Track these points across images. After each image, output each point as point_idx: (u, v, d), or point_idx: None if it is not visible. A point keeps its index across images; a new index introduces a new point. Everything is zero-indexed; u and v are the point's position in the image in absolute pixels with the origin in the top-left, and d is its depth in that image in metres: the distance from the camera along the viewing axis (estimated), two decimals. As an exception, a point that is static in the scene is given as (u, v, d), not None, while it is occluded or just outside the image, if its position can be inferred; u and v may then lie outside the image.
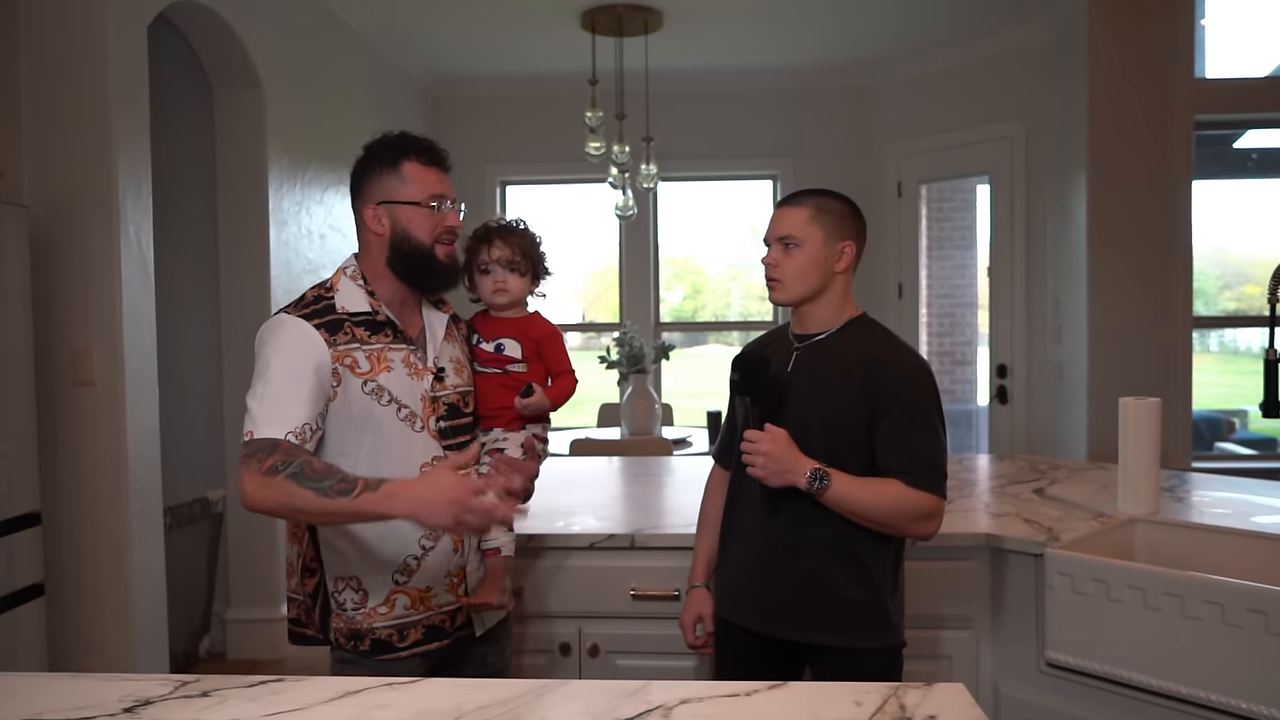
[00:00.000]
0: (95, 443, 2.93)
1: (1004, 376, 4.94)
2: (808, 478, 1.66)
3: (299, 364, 1.59)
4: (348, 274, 1.73)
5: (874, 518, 1.69)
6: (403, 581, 1.69)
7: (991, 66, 5.02)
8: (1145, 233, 4.10)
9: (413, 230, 1.69)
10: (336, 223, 4.54)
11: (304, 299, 1.69)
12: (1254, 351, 14.28)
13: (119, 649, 2.93)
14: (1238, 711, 1.75)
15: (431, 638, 1.72)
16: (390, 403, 1.67)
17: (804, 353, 1.82)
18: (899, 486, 1.68)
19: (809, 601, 1.75)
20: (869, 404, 1.71)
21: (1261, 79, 4.40)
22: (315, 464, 1.49)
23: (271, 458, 1.50)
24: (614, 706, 1.25)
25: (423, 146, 1.72)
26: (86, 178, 2.89)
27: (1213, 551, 2.12)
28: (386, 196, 1.70)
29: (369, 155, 1.74)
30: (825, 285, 1.80)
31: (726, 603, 1.88)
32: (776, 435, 1.68)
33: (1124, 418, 2.33)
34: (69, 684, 1.35)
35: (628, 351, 4.56)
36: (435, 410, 1.72)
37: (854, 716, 1.21)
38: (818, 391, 1.76)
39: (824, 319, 1.82)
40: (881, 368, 1.73)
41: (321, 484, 1.45)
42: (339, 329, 1.65)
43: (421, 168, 1.71)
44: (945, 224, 6.09)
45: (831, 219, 1.79)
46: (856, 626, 1.74)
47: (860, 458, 1.73)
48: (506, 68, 5.60)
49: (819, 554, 1.74)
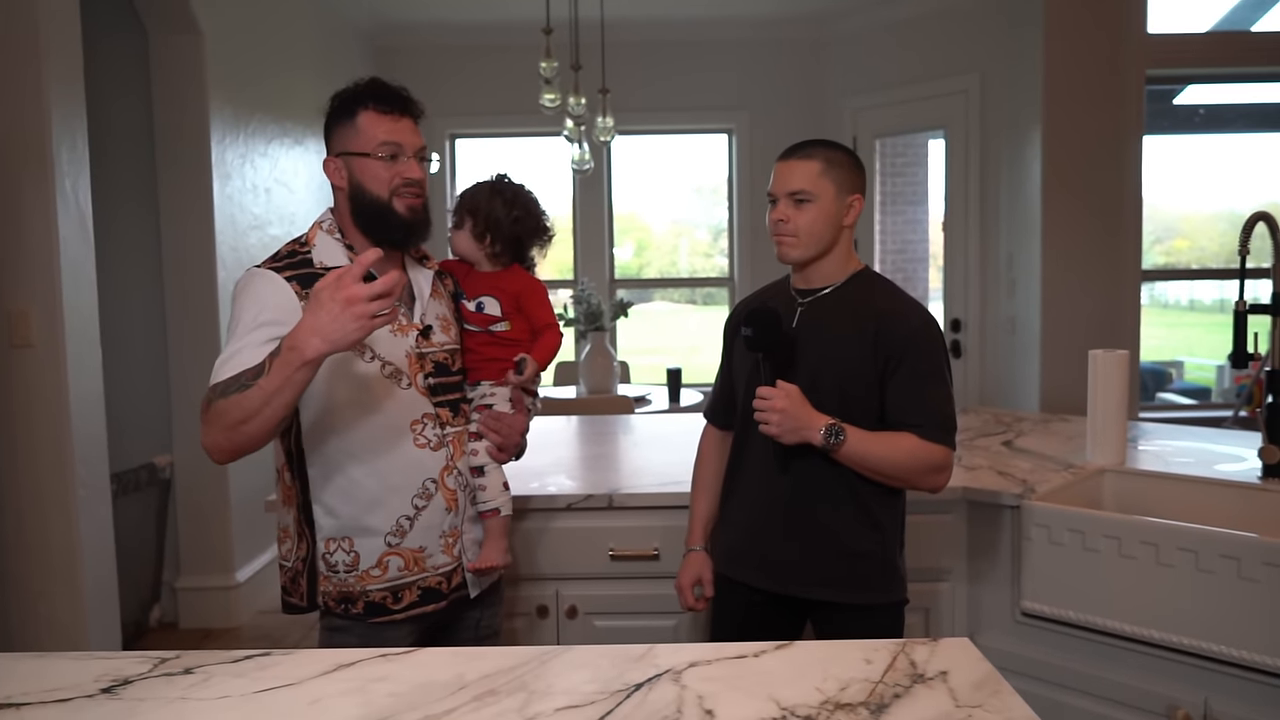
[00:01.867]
0: (36, 408, 2.78)
1: (958, 330, 5.00)
2: (823, 434, 1.64)
3: (266, 316, 1.54)
4: (324, 228, 1.67)
5: (887, 472, 1.68)
6: (395, 543, 1.64)
7: (947, 20, 5.00)
8: (1097, 187, 4.16)
9: (366, 182, 1.62)
10: (282, 176, 4.37)
11: (278, 254, 1.64)
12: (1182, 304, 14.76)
13: (68, 622, 2.82)
14: (1210, 654, 1.80)
15: (427, 599, 1.68)
16: (373, 359, 1.62)
17: (809, 308, 1.78)
18: (912, 439, 1.67)
19: (821, 559, 1.74)
20: (881, 357, 1.69)
21: (1205, 34, 4.46)
22: (242, 376, 1.43)
23: (207, 396, 1.46)
24: (622, 672, 1.22)
25: (382, 94, 1.63)
26: (17, 129, 2.71)
27: (1179, 500, 2.18)
28: (343, 147, 1.64)
29: (332, 105, 1.68)
30: (835, 240, 1.76)
31: (730, 561, 1.85)
32: (790, 391, 1.65)
33: (1093, 370, 2.36)
34: (38, 664, 1.28)
35: (585, 309, 4.50)
36: (423, 367, 1.67)
37: (865, 674, 1.20)
38: (828, 346, 1.73)
39: (829, 274, 1.78)
40: (893, 321, 1.71)
41: (241, 383, 1.41)
42: (311, 283, 1.55)
43: (377, 116, 1.62)
44: (898, 179, 6.10)
45: (842, 172, 1.75)
46: (868, 582, 1.74)
47: (870, 412, 1.71)
48: (457, 16, 5.41)
49: (831, 511, 1.73)
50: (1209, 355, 8.33)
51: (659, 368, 5.51)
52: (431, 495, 1.67)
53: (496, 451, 1.78)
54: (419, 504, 1.66)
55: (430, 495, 1.67)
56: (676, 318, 15.73)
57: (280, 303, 1.55)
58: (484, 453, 1.77)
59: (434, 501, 1.67)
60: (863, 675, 1.20)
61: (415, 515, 1.66)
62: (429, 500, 1.67)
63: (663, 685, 1.19)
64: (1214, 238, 9.89)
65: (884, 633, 1.70)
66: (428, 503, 1.66)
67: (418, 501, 1.66)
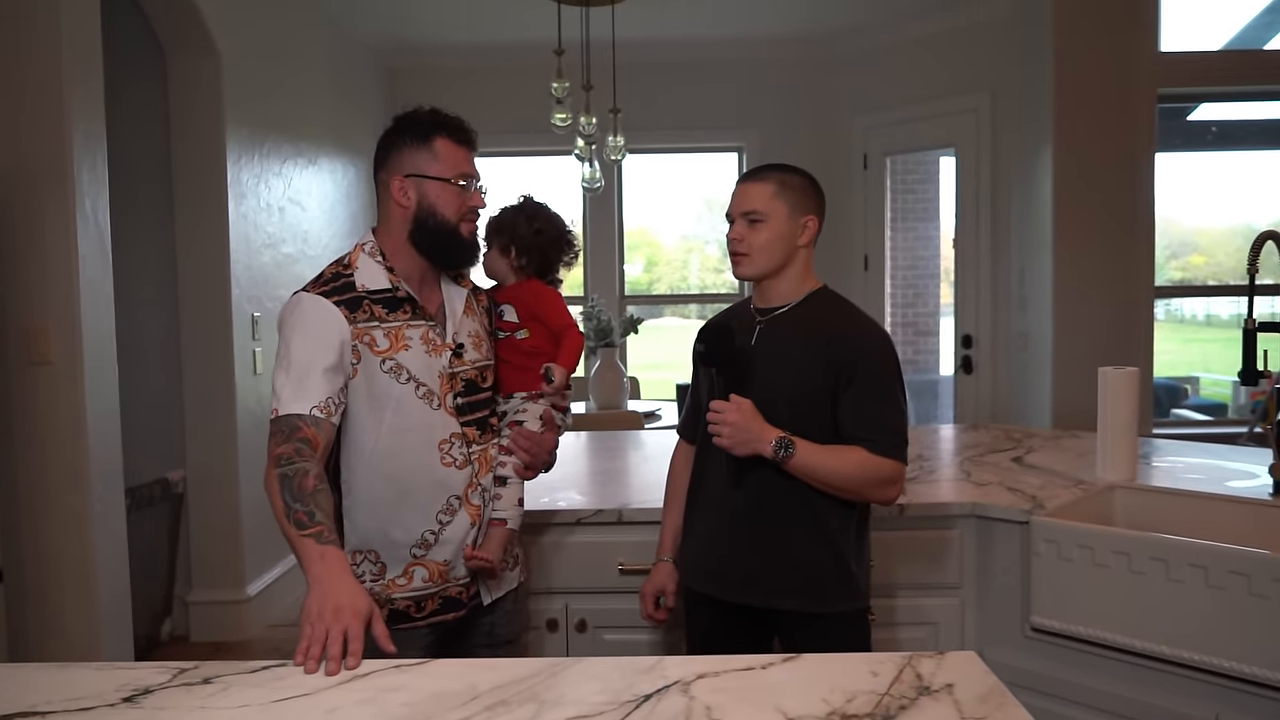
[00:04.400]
0: (53, 423, 2.82)
1: (969, 346, 5.00)
2: (773, 446, 1.69)
3: (320, 340, 1.61)
4: (366, 250, 1.72)
5: (838, 484, 1.73)
6: (420, 555, 1.70)
7: (957, 38, 5.03)
8: (1109, 204, 4.17)
9: (439, 206, 1.70)
10: (296, 196, 4.43)
11: (322, 276, 1.70)
12: (1199, 320, 14.69)
13: (82, 634, 2.85)
14: (1220, 670, 1.80)
15: (448, 608, 1.74)
16: (409, 380, 1.67)
17: (767, 326, 1.84)
18: (862, 453, 1.72)
19: (777, 569, 1.78)
20: (833, 374, 1.75)
21: (1218, 52, 4.48)
22: (308, 480, 1.50)
23: (284, 446, 1.54)
24: (631, 684, 1.23)
25: (454, 125, 1.74)
26: (40, 149, 2.77)
27: (1190, 516, 2.17)
28: (415, 170, 1.70)
29: (399, 127, 1.74)
30: (789, 259, 1.83)
31: (694, 574, 1.90)
32: (741, 404, 1.71)
33: (1103, 387, 2.36)
34: (61, 674, 1.30)
35: (596, 325, 4.53)
36: (453, 387, 1.72)
37: (872, 686, 1.21)
38: (782, 363, 1.79)
39: (786, 292, 1.84)
40: (845, 338, 1.77)
41: (293, 504, 1.48)
42: (358, 306, 1.65)
43: (453, 145, 1.72)
44: (909, 196, 6.13)
45: (795, 194, 1.82)
46: (824, 591, 1.77)
47: (825, 427, 1.76)
48: (469, 37, 5.48)
49: (785, 522, 1.77)
50: (1225, 371, 8.28)
51: (669, 383, 5.54)
52: (456, 511, 1.71)
53: (523, 469, 1.83)
54: (444, 519, 1.70)
55: (455, 511, 1.71)
56: (686, 334, 15.67)
57: (331, 325, 1.62)
58: (510, 467, 1.82)
59: (458, 517, 1.72)
60: (869, 687, 1.21)
61: (440, 530, 1.70)
62: (453, 516, 1.71)
63: (671, 696, 1.20)
64: (1230, 253, 9.84)
65: (849, 643, 1.76)
66: (452, 518, 1.71)
67: (443, 517, 1.70)
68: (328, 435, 1.59)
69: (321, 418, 1.57)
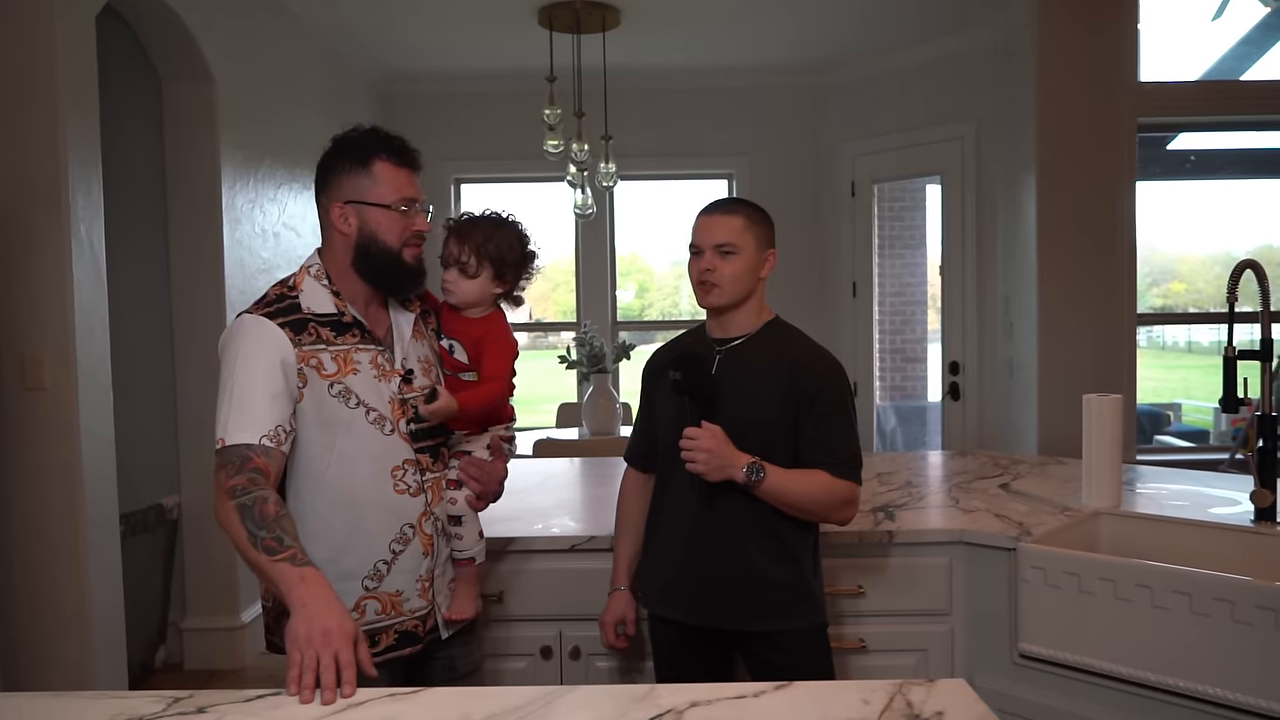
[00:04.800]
0: (48, 450, 2.83)
1: (956, 373, 5.04)
2: (745, 471, 1.75)
3: (264, 364, 1.55)
4: (311, 273, 1.68)
5: (803, 506, 1.81)
6: (373, 587, 1.65)
7: (943, 69, 5.12)
8: (1092, 232, 4.23)
9: (380, 233, 1.64)
10: (290, 221, 4.45)
11: (266, 298, 1.64)
12: (1179, 346, 14.77)
13: (76, 663, 2.84)
14: (1205, 697, 1.82)
15: (404, 643, 1.69)
16: (359, 405, 1.63)
17: (726, 356, 1.90)
18: (825, 476, 1.80)
19: (744, 591, 1.84)
20: (794, 400, 1.83)
21: (1195, 83, 4.57)
22: (269, 507, 1.46)
23: (236, 478, 1.49)
24: (624, 712, 1.25)
25: (395, 146, 1.67)
26: (35, 175, 2.79)
27: (1174, 543, 2.20)
28: (355, 196, 1.64)
29: (338, 149, 1.67)
30: (752, 291, 1.90)
31: (658, 599, 1.94)
32: (715, 432, 1.76)
33: (1087, 414, 2.40)
34: (52, 704, 1.31)
35: (588, 351, 4.55)
36: (405, 413, 1.68)
37: (863, 715, 1.23)
38: (746, 391, 1.85)
39: (744, 323, 1.91)
40: (806, 366, 1.85)
41: (257, 532, 1.44)
42: (304, 329, 1.61)
43: (393, 168, 1.65)
44: (896, 223, 6.19)
45: (760, 229, 1.90)
46: (787, 610, 1.84)
47: (787, 452, 1.83)
48: (461, 64, 5.54)
49: (750, 545, 1.83)
50: (1207, 398, 8.35)
51: (660, 409, 5.53)
52: (409, 540, 1.67)
53: (475, 500, 1.77)
54: (396, 549, 1.66)
55: (408, 540, 1.67)
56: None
57: (275, 349, 1.57)
58: (463, 502, 1.76)
59: (411, 546, 1.68)
60: (860, 715, 1.23)
61: (393, 560, 1.66)
62: (406, 545, 1.67)
63: (665, 725, 1.22)
64: (1210, 280, 9.94)
65: (812, 656, 1.84)
66: (405, 547, 1.67)
67: (395, 546, 1.66)
68: (278, 465, 1.54)
69: (271, 447, 1.52)
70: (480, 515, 1.83)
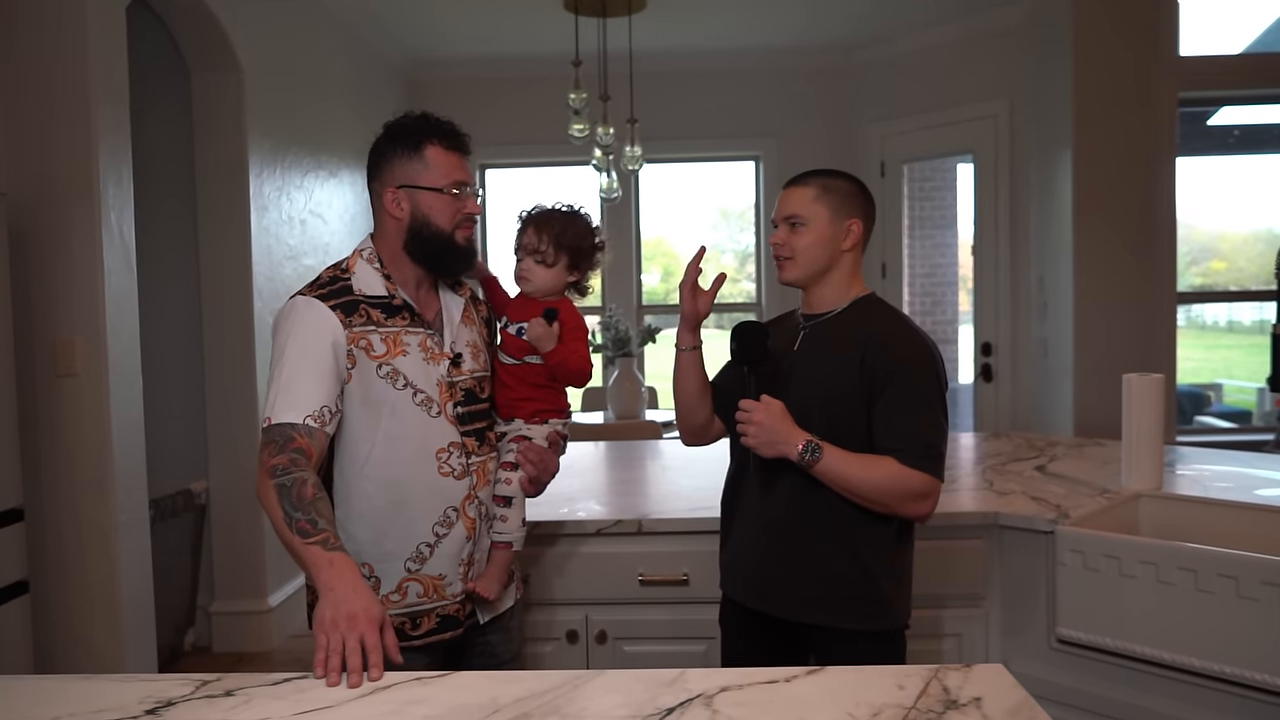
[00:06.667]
0: (79, 435, 2.85)
1: (989, 354, 4.97)
2: (800, 449, 1.66)
3: (314, 345, 1.57)
4: (364, 256, 1.70)
5: (866, 494, 1.67)
6: (415, 569, 1.65)
7: (974, 45, 5.02)
8: (1129, 209, 4.13)
9: (433, 216, 1.66)
10: (316, 208, 4.46)
11: (319, 280, 1.67)
12: (1220, 326, 14.49)
13: (106, 646, 2.87)
14: (1252, 683, 1.77)
15: (445, 627, 1.69)
16: (406, 387, 1.64)
17: (811, 332, 1.82)
18: (892, 464, 1.66)
19: (801, 579, 1.75)
20: (867, 381, 1.70)
21: (1238, 56, 4.45)
22: (306, 489, 1.46)
23: (278, 457, 1.50)
24: (654, 696, 1.23)
25: (446, 130, 1.68)
26: (67, 164, 2.80)
27: (1217, 525, 2.15)
28: (408, 180, 1.66)
29: (389, 135, 1.69)
30: (832, 263, 1.80)
31: (728, 580, 1.88)
32: (770, 405, 1.69)
33: (1127, 394, 2.34)
34: (84, 686, 1.31)
35: (614, 335, 4.53)
36: (453, 396, 1.69)
37: (898, 700, 1.20)
38: (819, 369, 1.76)
39: (831, 298, 1.81)
40: (883, 346, 1.72)
41: (293, 513, 1.45)
42: (354, 310, 1.62)
43: (444, 152, 1.67)
44: (926, 203, 6.10)
45: (837, 197, 1.80)
46: (848, 605, 1.73)
47: (858, 436, 1.71)
48: (487, 49, 5.52)
49: (812, 531, 1.74)
50: (1249, 378, 8.18)
51: (688, 393, 5.51)
52: (453, 523, 1.67)
53: (528, 484, 1.77)
54: (440, 531, 1.66)
55: (451, 523, 1.67)
56: (704, 343, 15.69)
57: (326, 330, 1.59)
58: (517, 483, 1.76)
59: (455, 530, 1.67)
60: (895, 701, 1.20)
61: (436, 543, 1.66)
62: (450, 528, 1.67)
63: (694, 710, 1.19)
64: (1252, 258, 9.73)
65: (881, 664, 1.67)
66: (449, 530, 1.67)
67: (439, 529, 1.66)
68: (321, 445, 1.56)
69: (315, 427, 1.54)
70: None
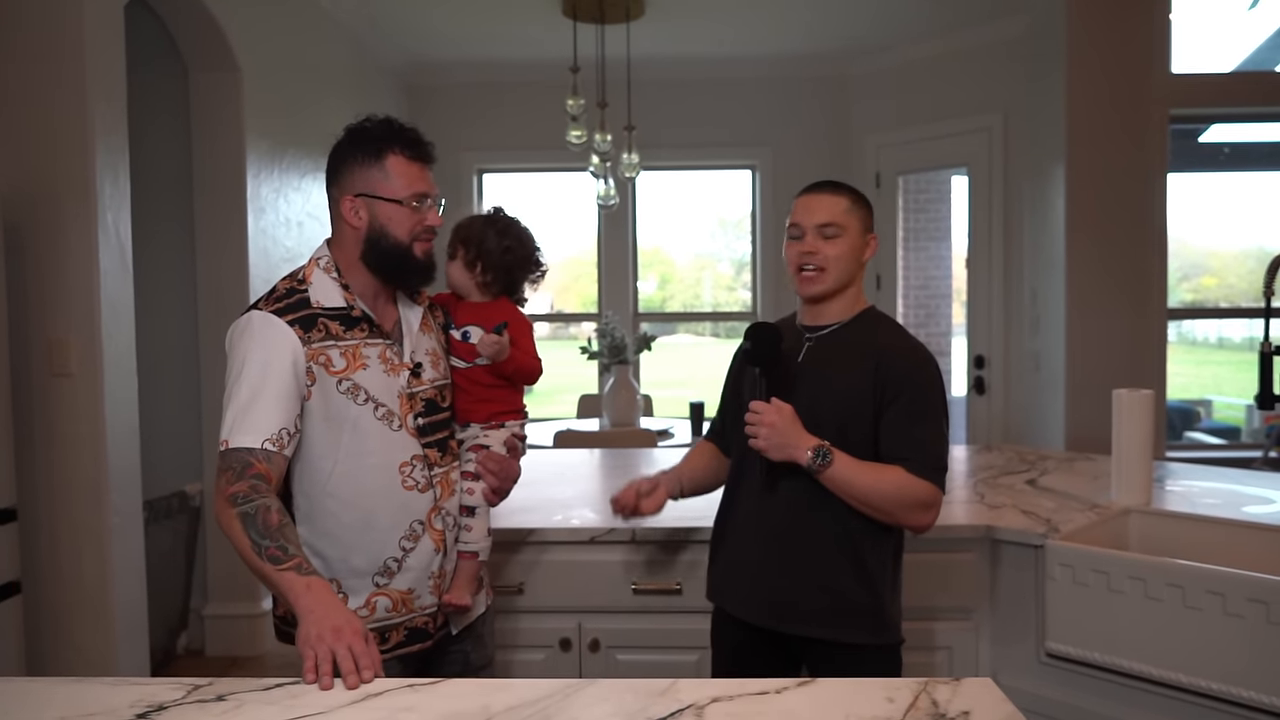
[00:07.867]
0: (73, 436, 2.84)
1: (981, 367, 4.99)
2: (810, 454, 1.66)
3: (274, 365, 1.54)
4: (320, 265, 1.65)
5: (873, 502, 1.68)
6: (383, 584, 1.63)
7: (969, 59, 5.05)
8: (1121, 224, 4.16)
9: (391, 228, 1.61)
10: (314, 210, 4.46)
11: (275, 292, 1.62)
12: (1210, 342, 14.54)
13: (98, 648, 2.86)
14: (1238, 700, 1.78)
15: (414, 639, 1.68)
16: (367, 401, 1.61)
17: (816, 344, 1.81)
18: (900, 473, 1.67)
19: (803, 592, 1.73)
20: (878, 392, 1.71)
21: (1229, 74, 4.48)
22: (271, 516, 1.45)
23: (237, 484, 1.48)
24: (645, 706, 1.23)
25: (409, 138, 1.64)
26: (63, 164, 2.80)
27: (1206, 541, 2.16)
28: (367, 189, 1.61)
29: (351, 140, 1.64)
30: (854, 277, 1.80)
31: (721, 593, 1.87)
32: (782, 408, 1.69)
33: (1117, 409, 2.36)
34: (74, 689, 1.31)
35: (609, 342, 4.54)
36: (413, 407, 1.66)
37: (887, 713, 1.21)
38: (829, 382, 1.75)
39: (839, 311, 1.81)
40: (893, 357, 1.73)
41: (261, 541, 1.43)
42: (313, 325, 1.58)
43: (406, 162, 1.62)
44: (920, 215, 6.13)
45: (864, 211, 1.81)
46: (849, 620, 1.72)
47: (866, 447, 1.72)
48: (486, 54, 5.53)
49: (816, 542, 1.73)
50: (1238, 394, 8.24)
51: (682, 401, 5.53)
52: (419, 537, 1.65)
53: (491, 494, 1.76)
54: (406, 545, 1.64)
55: (418, 537, 1.65)
56: (700, 351, 15.75)
57: (285, 349, 1.55)
58: (479, 494, 1.75)
59: (421, 543, 1.66)
60: (884, 714, 1.21)
61: (403, 557, 1.64)
62: (416, 542, 1.65)
63: (686, 720, 1.20)
64: (1242, 275, 9.81)
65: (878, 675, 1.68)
66: (415, 544, 1.65)
67: (405, 543, 1.64)
68: (280, 468, 1.53)
69: (274, 451, 1.51)
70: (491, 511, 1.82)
